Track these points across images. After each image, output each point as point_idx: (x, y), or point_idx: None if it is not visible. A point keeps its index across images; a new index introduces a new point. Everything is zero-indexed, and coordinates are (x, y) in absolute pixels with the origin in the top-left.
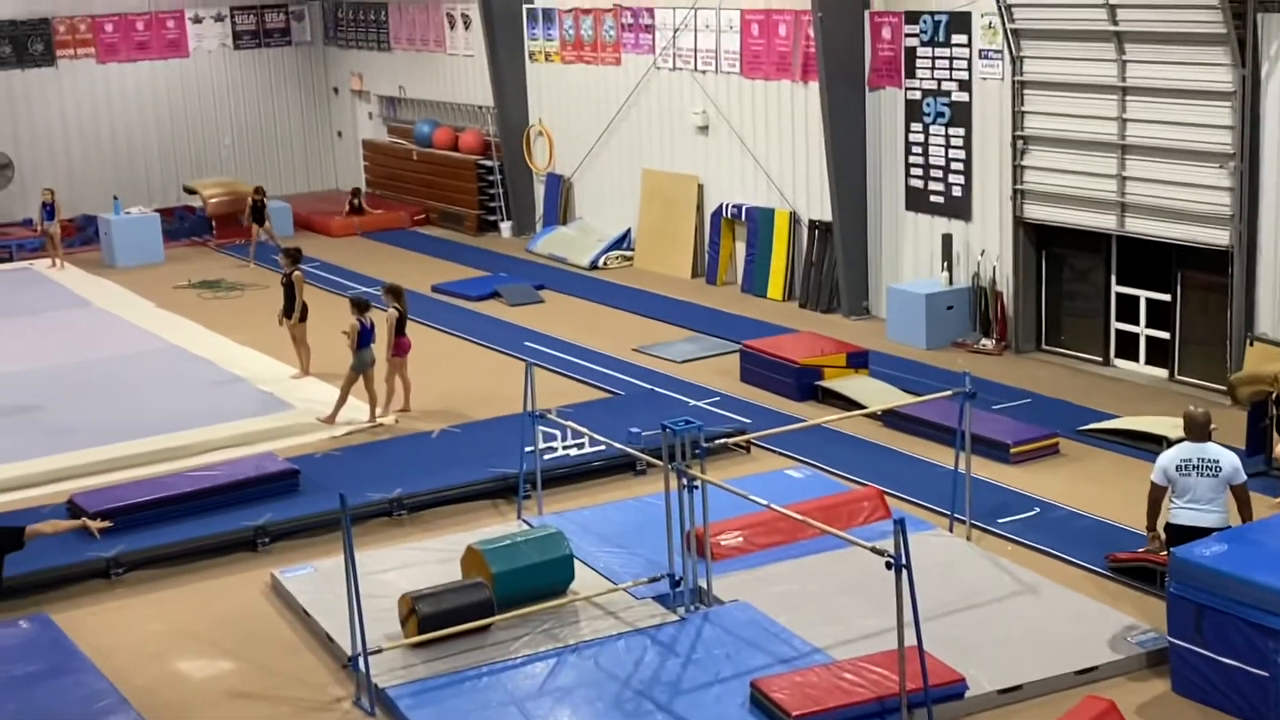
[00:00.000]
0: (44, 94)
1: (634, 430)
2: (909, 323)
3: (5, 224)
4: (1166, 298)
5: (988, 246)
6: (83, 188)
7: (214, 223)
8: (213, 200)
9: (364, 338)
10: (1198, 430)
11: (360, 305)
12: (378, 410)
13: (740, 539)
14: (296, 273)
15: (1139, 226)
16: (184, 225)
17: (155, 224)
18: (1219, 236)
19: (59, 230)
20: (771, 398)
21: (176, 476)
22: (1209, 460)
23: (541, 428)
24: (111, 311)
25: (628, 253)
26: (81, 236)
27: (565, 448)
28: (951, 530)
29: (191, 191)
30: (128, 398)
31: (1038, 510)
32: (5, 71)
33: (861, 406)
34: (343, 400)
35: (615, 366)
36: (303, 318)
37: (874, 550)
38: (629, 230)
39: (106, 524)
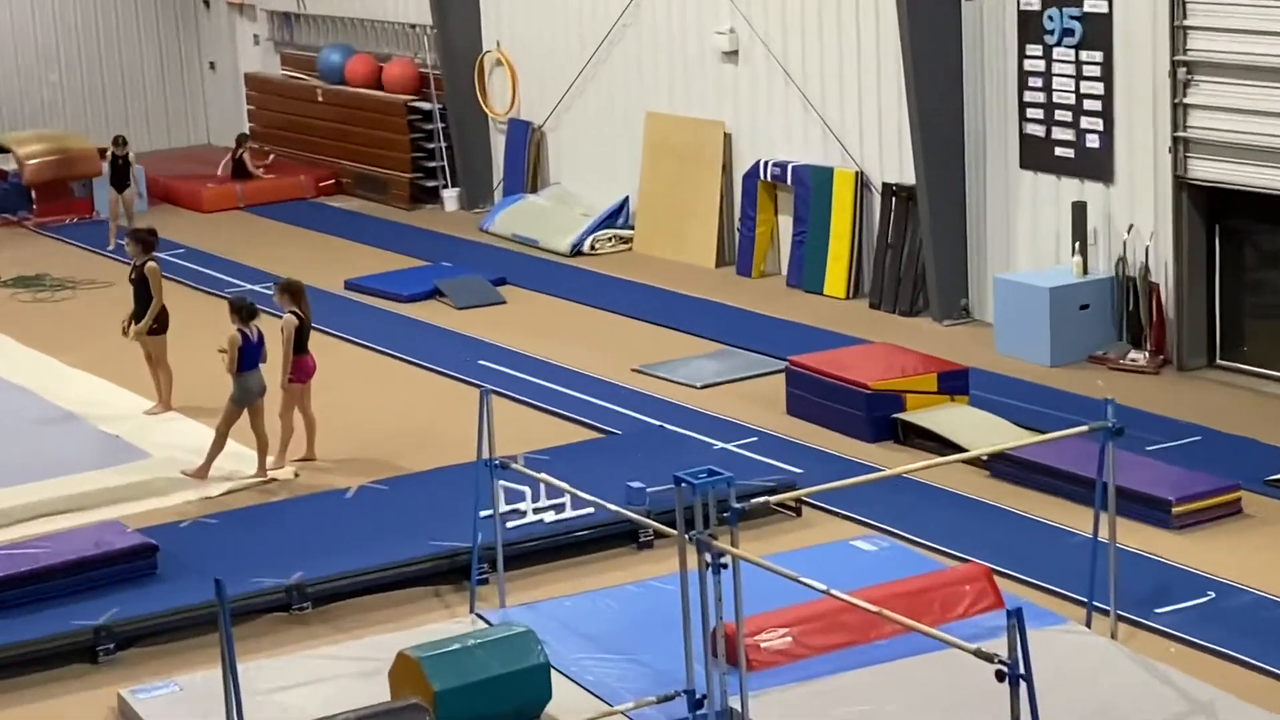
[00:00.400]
0: None
1: (635, 485)
2: (1026, 329)
3: None
4: None
5: (1137, 220)
6: None
7: (34, 193)
8: (32, 162)
9: (248, 357)
10: None
11: (242, 311)
12: (269, 459)
13: (788, 639)
14: (151, 263)
15: None
16: None
17: None
18: None
19: None
20: (831, 437)
21: None
22: None
23: (503, 482)
24: None
25: (624, 232)
26: None
27: (537, 511)
28: (1090, 624)
29: (3, 150)
30: None
31: (1212, 595)
32: None
33: (960, 449)
34: (219, 445)
35: (608, 394)
36: (160, 327)
37: (979, 654)
38: (626, 200)
39: None
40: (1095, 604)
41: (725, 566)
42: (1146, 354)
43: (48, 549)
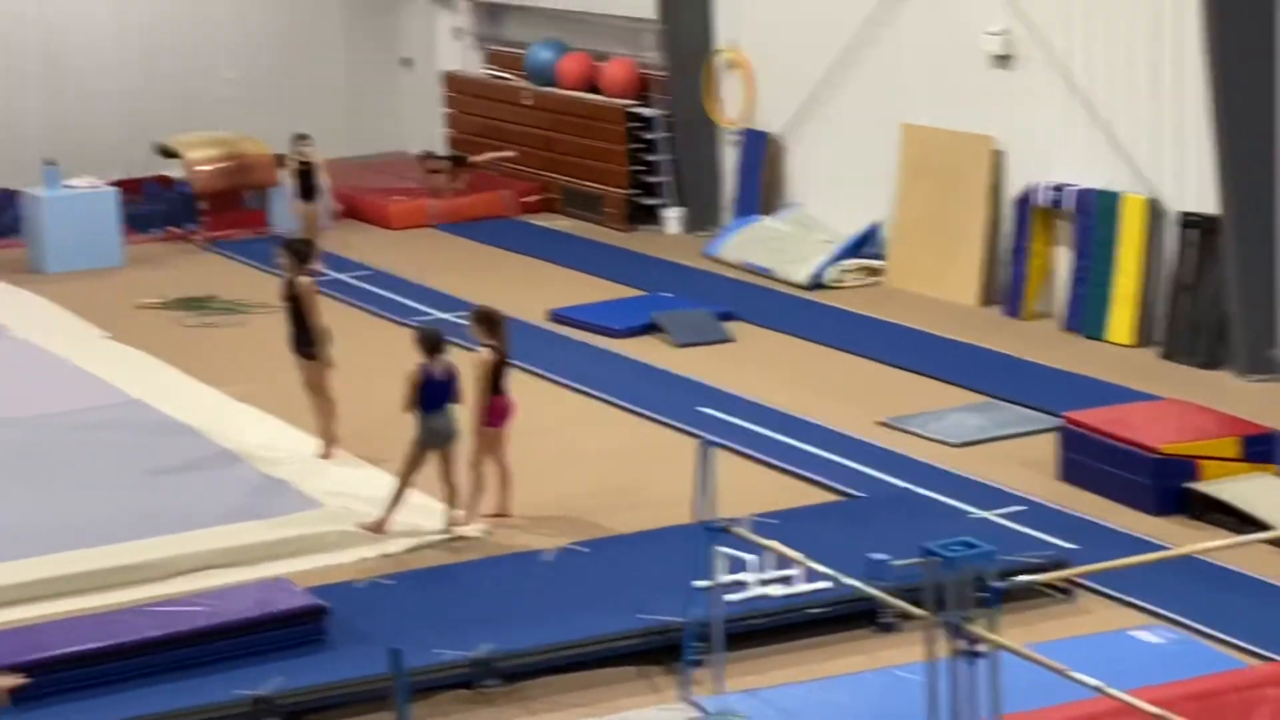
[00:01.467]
0: None
1: (878, 558)
2: None
3: None
4: None
5: None
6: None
7: (203, 204)
8: (202, 169)
9: (434, 395)
10: None
11: (431, 343)
12: (458, 513)
13: None
14: (304, 278)
15: None
16: (157, 207)
17: (111, 205)
18: None
19: None
20: (1111, 508)
21: (133, 613)
22: None
23: (724, 549)
24: (36, 344)
25: (873, 263)
26: None
27: (763, 583)
28: None
29: (170, 155)
30: (56, 485)
31: None
32: None
33: (1264, 526)
34: (400, 495)
35: (849, 450)
36: (314, 350)
37: None
38: (876, 226)
39: (20, 682)
40: None
41: (981, 655)
42: None
43: (206, 608)
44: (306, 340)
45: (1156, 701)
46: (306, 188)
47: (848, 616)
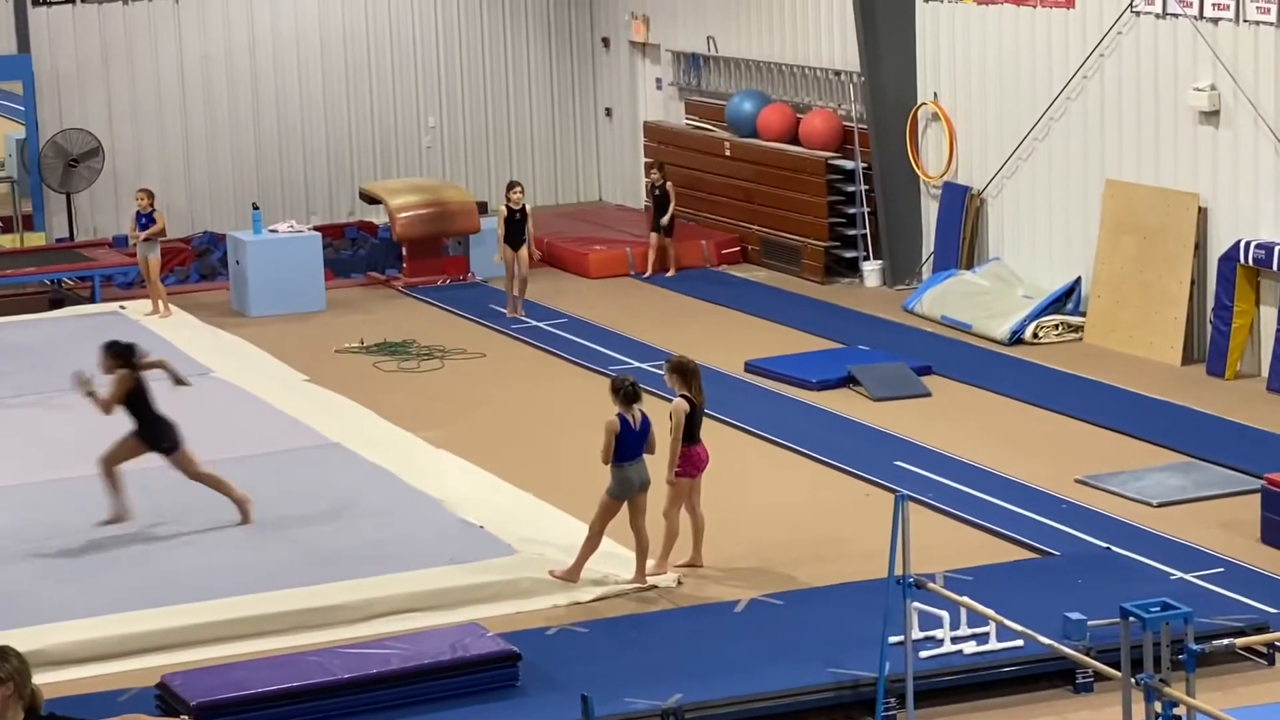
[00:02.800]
0: (154, 41)
1: (1074, 617)
2: None
3: (88, 242)
4: None
5: None
6: (204, 192)
7: (405, 249)
8: (404, 215)
9: (628, 445)
10: None
11: (622, 392)
12: (650, 562)
13: None
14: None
15: None
16: (359, 252)
17: (315, 249)
18: None
19: (158, 257)
20: None
21: (327, 654)
22: None
23: (918, 604)
24: (237, 385)
25: (1075, 319)
26: (199, 267)
27: (956, 640)
28: None
29: (373, 200)
30: (257, 526)
31: None
32: (99, 3)
33: None
34: (593, 544)
35: (1045, 508)
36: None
37: None
38: (1078, 282)
39: None
40: None
41: (1179, 719)
42: None
43: (400, 650)
44: (150, 433)
45: None
46: (514, 234)
47: (1042, 676)
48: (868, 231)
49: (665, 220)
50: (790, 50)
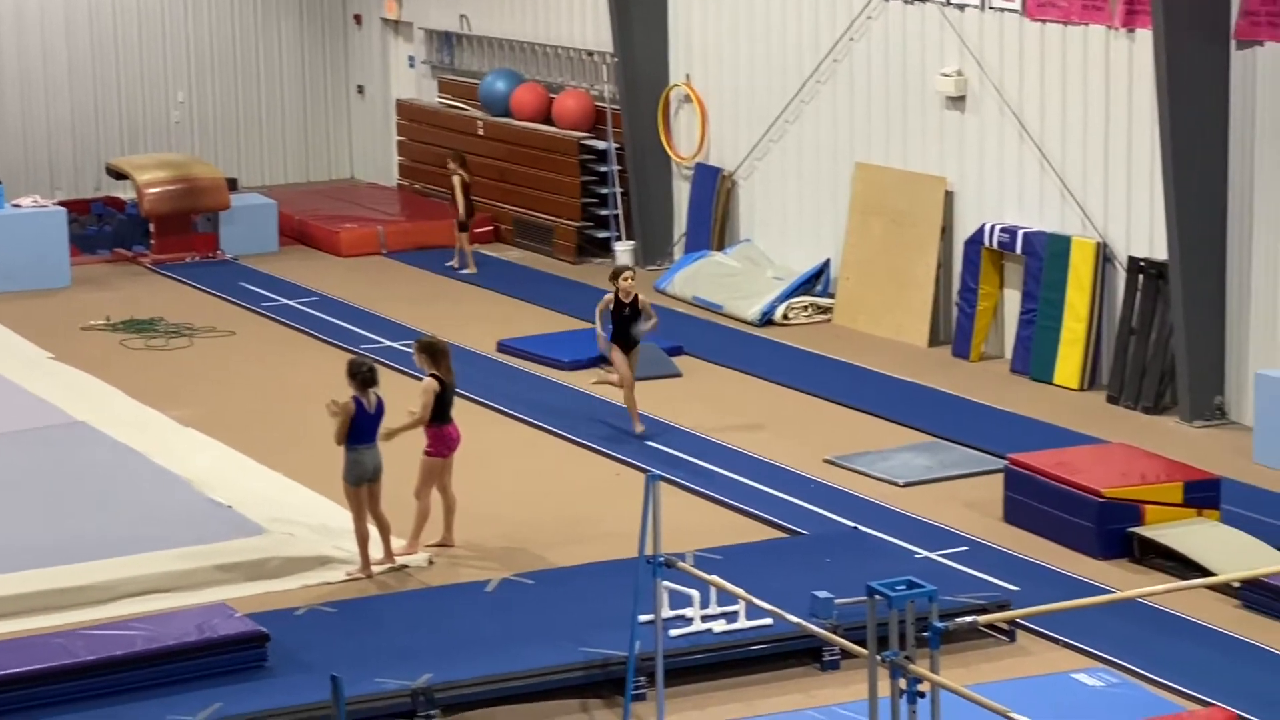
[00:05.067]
0: None
1: (821, 595)
2: None
3: None
4: None
5: None
6: None
7: (153, 225)
8: (152, 191)
9: (363, 429)
10: None
11: (363, 376)
12: (400, 543)
13: None
14: None
15: None
16: (105, 229)
17: (60, 225)
18: None
19: None
20: (1055, 551)
21: (70, 637)
22: None
23: (668, 584)
24: None
25: (823, 300)
26: None
27: (706, 618)
28: None
29: (121, 176)
30: None
31: None
32: None
33: (1207, 572)
34: (363, 534)
35: (794, 488)
36: None
37: None
38: (827, 264)
39: None
40: None
41: (923, 695)
42: None
43: (146, 631)
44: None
45: None
46: (624, 332)
47: (790, 654)
48: (620, 212)
49: (464, 214)
50: (543, 30)
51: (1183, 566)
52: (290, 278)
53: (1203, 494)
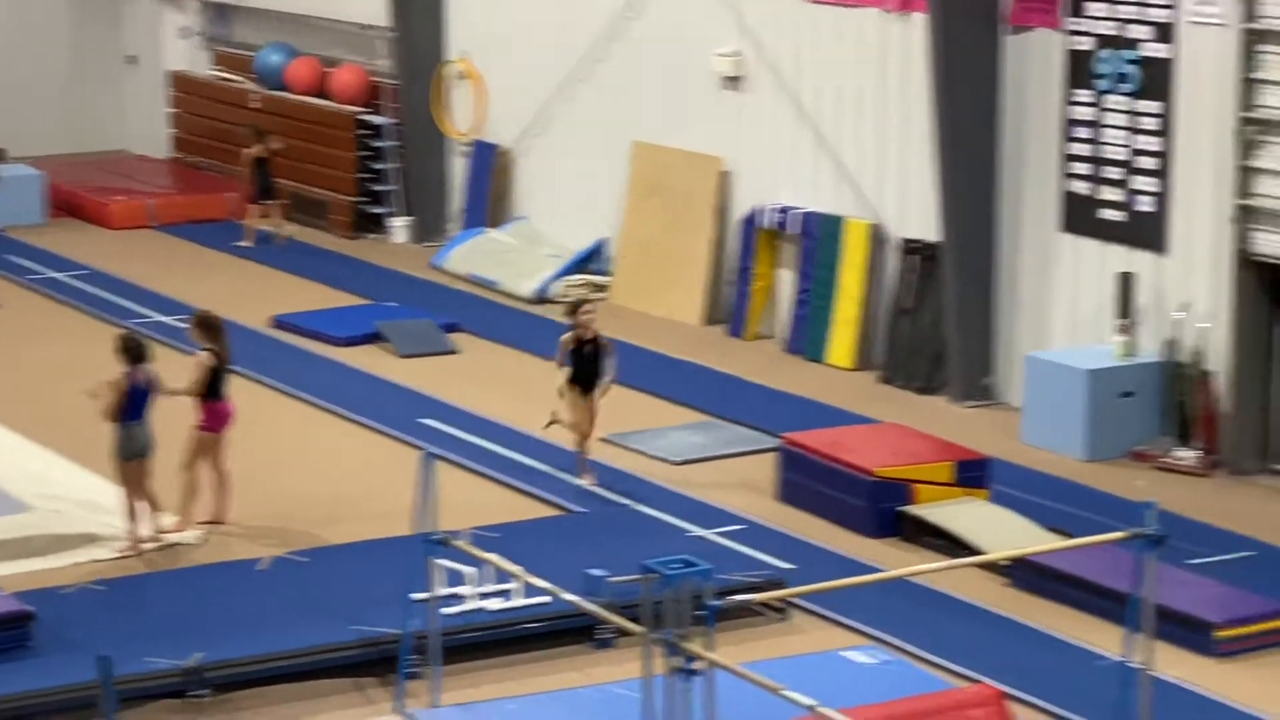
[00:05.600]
0: None
1: (596, 573)
2: (1059, 417)
3: None
4: None
5: (1193, 298)
6: None
7: None
8: None
9: (135, 404)
10: None
11: (131, 350)
12: (171, 519)
13: None
14: None
15: None
16: None
17: None
18: None
19: None
20: (828, 529)
21: None
22: None
23: (443, 561)
24: None
25: (599, 279)
26: None
27: (481, 596)
28: None
29: None
30: None
31: None
32: None
33: (976, 551)
34: (133, 509)
35: (571, 466)
36: None
37: None
38: (603, 242)
39: None
40: None
41: (697, 673)
42: (1195, 453)
43: None
44: None
45: (868, 719)
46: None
47: (565, 632)
48: (396, 188)
49: (267, 189)
50: (320, 3)
51: (953, 545)
52: (59, 250)
53: (972, 473)
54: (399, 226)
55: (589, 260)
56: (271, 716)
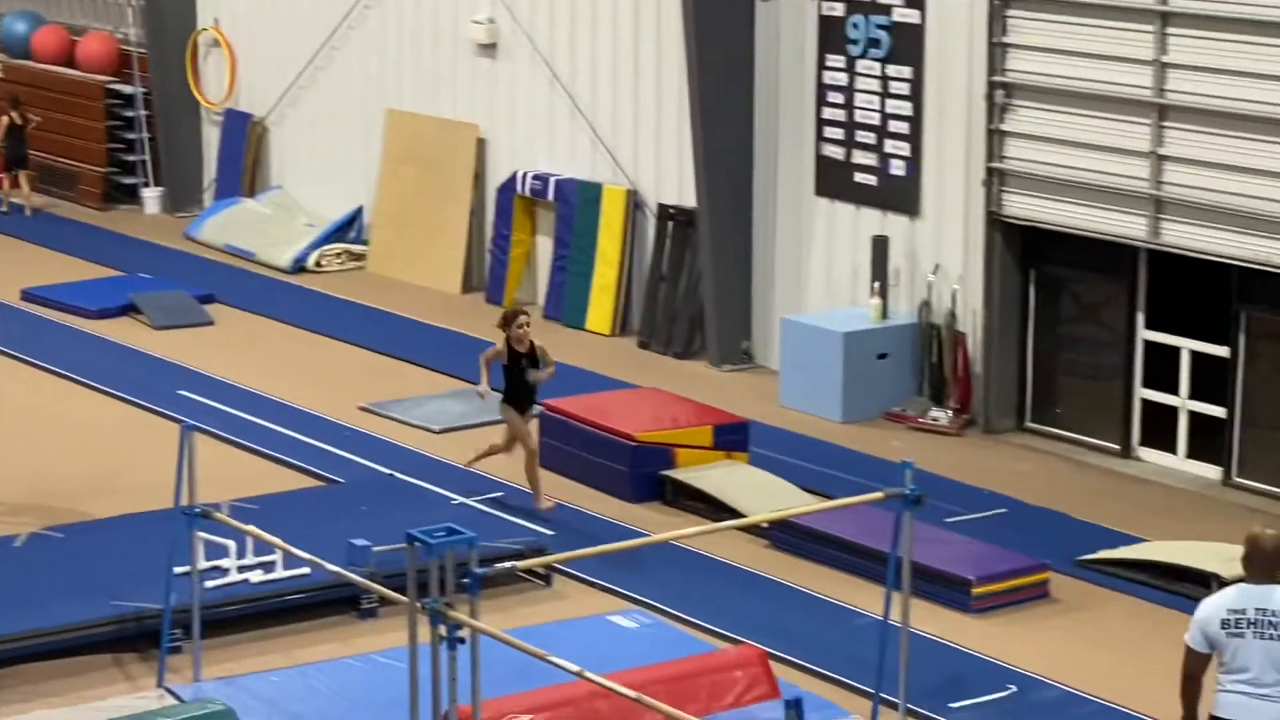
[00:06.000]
0: None
1: (359, 543)
2: (816, 379)
3: None
4: (1223, 352)
5: (945, 260)
6: None
7: None
8: None
9: None
10: (1264, 564)
11: None
12: None
13: None
14: None
15: (1183, 237)
16: None
17: None
18: None
19: None
20: (590, 495)
21: None
22: (1274, 614)
23: (204, 534)
24: None
25: (357, 247)
26: None
27: (243, 569)
28: (877, 719)
29: None
30: None
31: (1014, 689)
32: None
33: (736, 514)
34: None
35: (330, 435)
36: None
37: None
38: (359, 211)
39: None
40: (883, 695)
41: (463, 641)
42: (949, 413)
43: None
44: None
45: (632, 685)
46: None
47: (329, 603)
48: (148, 158)
49: (20, 158)
50: None
51: (713, 508)
52: None
53: (732, 437)
54: (151, 197)
55: (346, 229)
56: (30, 695)
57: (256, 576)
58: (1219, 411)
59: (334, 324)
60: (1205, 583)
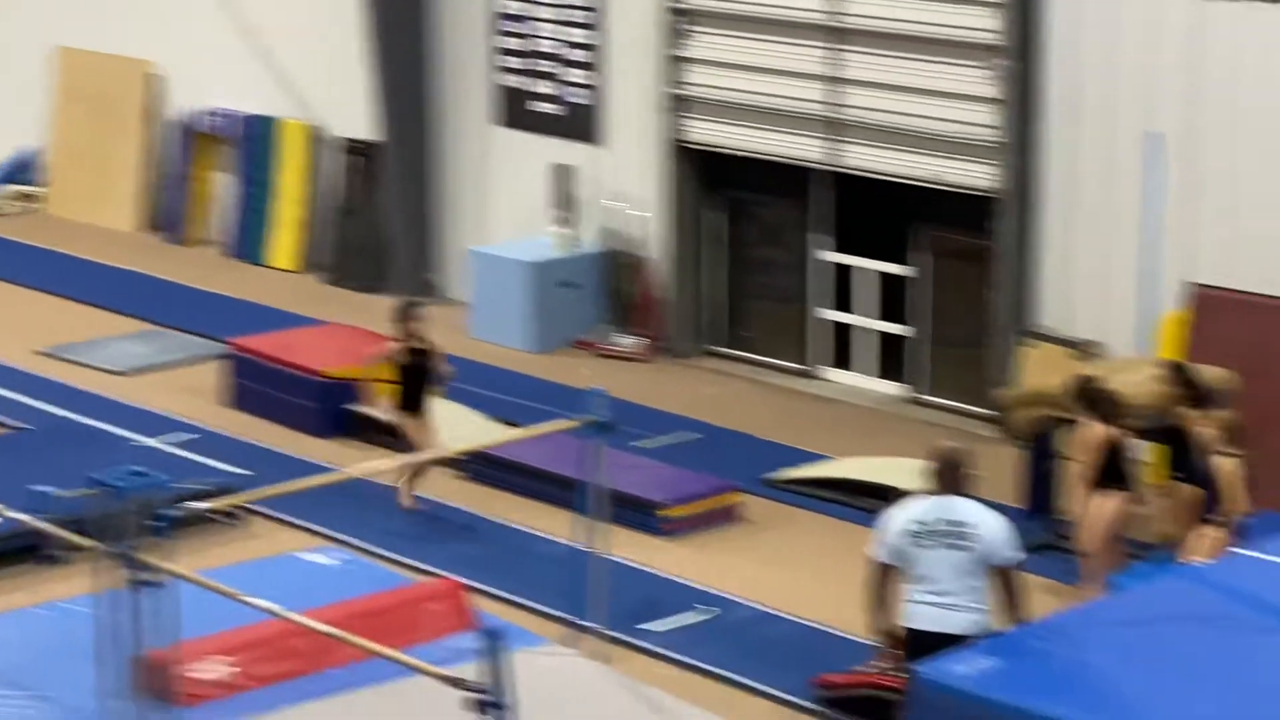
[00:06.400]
0: None
1: (41, 490)
2: (503, 310)
3: None
4: (906, 272)
5: (629, 187)
6: None
7: None
8: None
9: None
10: (947, 476)
11: None
12: None
13: (229, 669)
14: None
15: (861, 159)
16: None
17: None
18: (981, 175)
19: None
20: (280, 432)
21: None
22: (958, 524)
23: None
24: None
25: (31, 189)
26: None
27: None
28: (574, 645)
29: None
30: None
31: (709, 609)
32: None
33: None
34: None
35: (8, 381)
36: None
37: (449, 680)
38: (32, 152)
39: None
40: (581, 622)
41: (154, 584)
42: (636, 339)
43: None
44: None
45: (328, 621)
46: (414, 389)
47: (11, 552)
48: None
49: None
50: None
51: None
52: None
53: None
54: None
55: (21, 172)
56: None
57: None
58: (902, 330)
59: (9, 267)
60: (889, 497)
